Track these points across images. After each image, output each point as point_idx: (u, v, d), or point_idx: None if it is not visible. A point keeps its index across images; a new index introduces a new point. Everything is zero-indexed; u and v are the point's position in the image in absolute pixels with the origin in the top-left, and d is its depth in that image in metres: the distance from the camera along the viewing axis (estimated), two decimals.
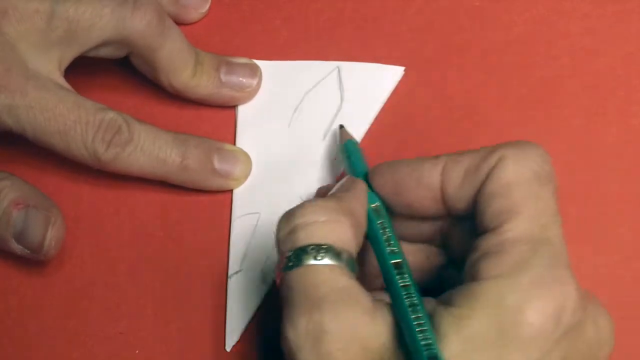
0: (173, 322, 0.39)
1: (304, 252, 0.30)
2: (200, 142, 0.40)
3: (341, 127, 0.40)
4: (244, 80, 0.42)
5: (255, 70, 0.43)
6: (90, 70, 0.43)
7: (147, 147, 0.39)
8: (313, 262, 0.30)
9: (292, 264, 0.30)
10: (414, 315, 0.29)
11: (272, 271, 0.39)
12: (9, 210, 0.38)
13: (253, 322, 0.38)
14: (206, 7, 0.45)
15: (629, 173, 0.39)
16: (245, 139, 0.42)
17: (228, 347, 0.38)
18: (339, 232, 0.31)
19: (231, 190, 0.41)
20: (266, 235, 0.40)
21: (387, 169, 0.34)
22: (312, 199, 0.32)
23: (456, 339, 0.28)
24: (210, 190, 0.41)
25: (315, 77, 0.43)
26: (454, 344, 0.28)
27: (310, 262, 0.30)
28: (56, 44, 0.38)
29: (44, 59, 0.38)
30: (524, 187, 0.30)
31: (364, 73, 0.43)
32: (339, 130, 0.40)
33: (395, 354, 0.29)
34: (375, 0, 0.44)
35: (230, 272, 0.39)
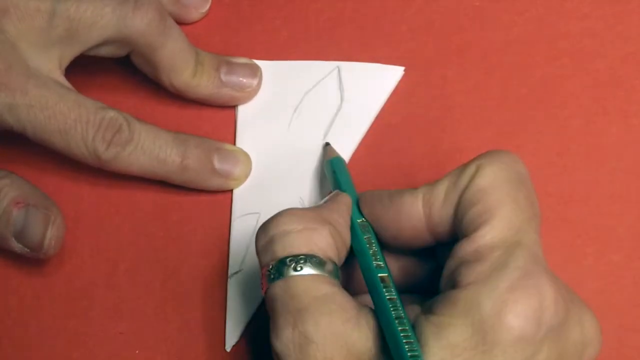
0: (173, 322, 0.39)
1: (283, 264, 0.30)
2: (201, 142, 0.40)
3: (327, 144, 0.40)
4: (244, 80, 0.42)
5: (255, 70, 0.43)
6: (91, 69, 0.43)
7: (148, 146, 0.39)
8: (293, 273, 0.30)
9: (274, 277, 0.30)
10: (400, 327, 0.29)
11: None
12: (9, 209, 0.38)
13: (253, 322, 0.38)
14: (207, 7, 0.45)
15: (629, 173, 0.39)
16: (245, 139, 0.42)
17: (228, 347, 0.38)
18: (316, 240, 0.31)
19: (231, 190, 0.41)
20: None
21: (369, 200, 0.34)
22: (290, 207, 0.32)
23: (437, 346, 0.28)
24: (210, 190, 0.41)
25: (315, 77, 0.43)
26: (435, 352, 0.28)
27: (290, 274, 0.30)
28: (57, 42, 0.38)
29: (44, 58, 0.38)
30: (497, 192, 0.30)
31: (364, 73, 0.43)
32: (325, 148, 0.40)
33: (380, 358, 0.29)
34: (375, 0, 0.44)
35: (230, 272, 0.39)
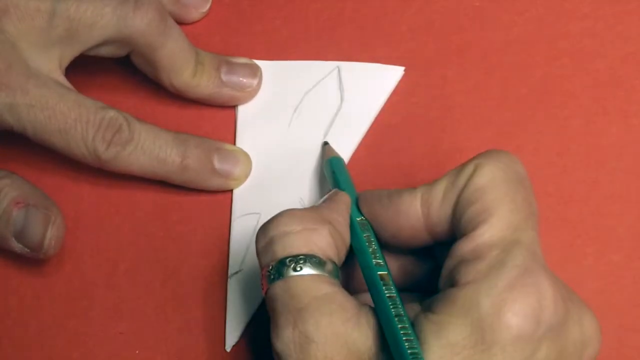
0: (173, 322, 0.39)
1: (282, 264, 0.30)
2: (201, 142, 0.40)
3: (325, 143, 0.41)
4: (244, 80, 0.42)
5: (255, 70, 0.43)
6: (91, 69, 0.43)
7: (148, 146, 0.39)
8: (293, 273, 0.30)
9: (273, 277, 0.30)
10: (400, 325, 0.29)
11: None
12: (9, 209, 0.38)
13: (253, 322, 0.38)
14: (207, 7, 0.45)
15: (629, 173, 0.39)
16: (245, 139, 0.42)
17: (228, 347, 0.38)
18: (316, 240, 0.31)
19: (231, 190, 0.41)
20: None
21: (368, 199, 0.34)
22: (289, 208, 0.32)
23: (436, 345, 0.28)
24: (210, 190, 0.41)
25: (315, 77, 0.43)
26: (434, 350, 0.28)
27: (290, 274, 0.30)
28: (57, 42, 0.38)
29: (44, 58, 0.38)
30: (496, 191, 0.30)
31: (364, 73, 0.43)
32: (323, 147, 0.40)
33: (380, 356, 0.29)
34: (375, 0, 0.44)
35: (230, 272, 0.39)
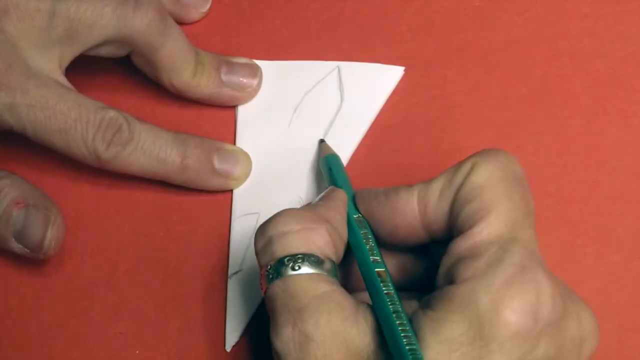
0: (173, 322, 0.39)
1: (281, 264, 0.30)
2: (201, 142, 0.40)
3: (322, 141, 0.41)
4: (244, 80, 0.42)
5: (255, 70, 0.43)
6: (91, 69, 0.43)
7: (148, 146, 0.39)
8: (291, 272, 0.30)
9: (272, 277, 0.30)
10: (398, 321, 0.29)
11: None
12: (9, 209, 0.38)
13: (253, 322, 0.38)
14: (207, 7, 0.45)
15: (629, 173, 0.39)
16: (245, 139, 0.42)
17: (228, 347, 0.38)
18: (314, 239, 0.31)
19: (231, 190, 0.41)
20: None
21: (365, 197, 0.34)
22: (288, 208, 0.32)
23: (434, 341, 0.28)
24: (210, 190, 0.41)
25: (315, 77, 0.43)
26: (432, 346, 0.28)
27: (289, 273, 0.30)
28: (57, 42, 0.38)
29: (44, 58, 0.38)
30: (493, 189, 0.30)
31: (364, 73, 0.43)
32: (320, 145, 0.40)
33: (379, 353, 0.29)
34: (375, 0, 0.44)
35: (230, 272, 0.39)
